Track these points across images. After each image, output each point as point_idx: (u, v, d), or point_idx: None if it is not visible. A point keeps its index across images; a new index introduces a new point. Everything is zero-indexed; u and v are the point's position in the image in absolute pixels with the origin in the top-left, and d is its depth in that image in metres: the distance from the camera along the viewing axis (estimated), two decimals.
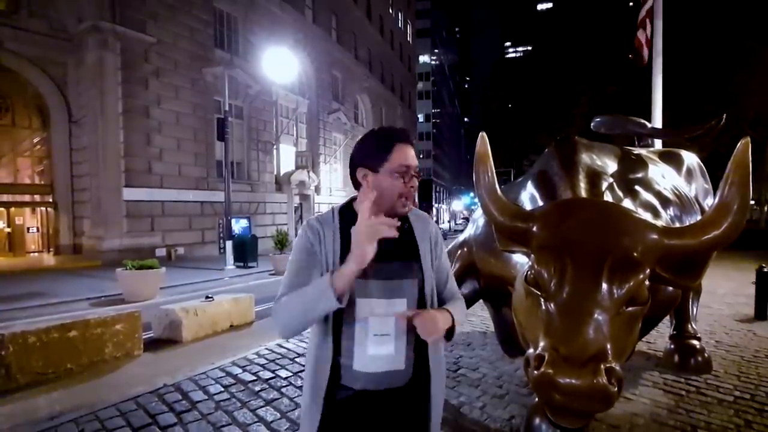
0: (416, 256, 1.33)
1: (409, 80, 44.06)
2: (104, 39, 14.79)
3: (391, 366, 1.23)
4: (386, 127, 1.35)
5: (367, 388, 1.22)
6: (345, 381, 1.24)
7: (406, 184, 1.26)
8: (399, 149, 1.26)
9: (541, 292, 1.83)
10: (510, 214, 2.10)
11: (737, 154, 1.77)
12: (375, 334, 1.21)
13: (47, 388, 3.62)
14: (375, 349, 1.21)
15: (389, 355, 1.22)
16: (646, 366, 3.88)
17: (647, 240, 1.81)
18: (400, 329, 1.23)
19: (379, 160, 1.25)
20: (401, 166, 1.25)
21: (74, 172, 16.11)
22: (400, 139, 1.28)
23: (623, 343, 1.71)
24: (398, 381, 1.25)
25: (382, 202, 1.25)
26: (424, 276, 1.32)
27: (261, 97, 20.44)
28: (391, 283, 1.24)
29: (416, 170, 1.29)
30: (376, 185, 1.25)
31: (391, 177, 1.24)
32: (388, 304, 1.23)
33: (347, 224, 1.23)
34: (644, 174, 3.09)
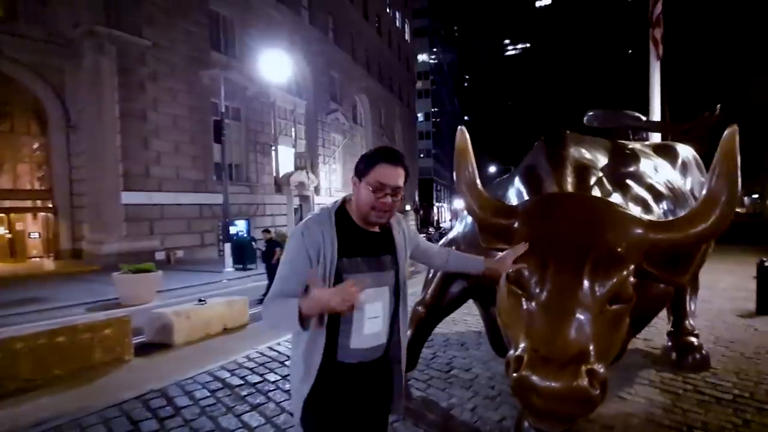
0: (393, 251, 1.56)
1: (408, 79, 43.97)
2: (100, 43, 14.79)
3: (378, 341, 1.49)
4: (384, 147, 1.57)
5: (363, 360, 1.47)
6: (341, 358, 1.44)
7: (378, 199, 1.43)
8: (380, 168, 1.43)
9: (522, 290, 1.77)
10: (492, 210, 2.04)
11: (724, 142, 1.69)
12: (369, 317, 1.45)
13: (35, 394, 3.57)
14: (369, 329, 1.46)
15: (378, 332, 1.49)
16: (643, 364, 3.80)
17: (632, 235, 1.74)
18: (386, 311, 1.51)
19: (364, 172, 1.45)
20: (376, 182, 1.42)
21: (73, 177, 16.13)
22: (384, 159, 1.45)
23: (607, 344, 1.64)
24: (380, 352, 1.52)
25: (359, 208, 1.47)
26: (399, 267, 1.57)
27: (258, 98, 20.41)
28: (379, 274, 1.49)
29: (394, 189, 1.45)
30: (356, 192, 1.48)
31: (367, 189, 1.43)
32: (378, 291, 1.47)
33: (342, 226, 1.46)
34: (636, 168, 3.01)
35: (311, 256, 1.38)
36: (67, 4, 14.86)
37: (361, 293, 1.37)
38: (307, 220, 1.46)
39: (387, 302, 1.51)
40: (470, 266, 1.92)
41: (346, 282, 1.30)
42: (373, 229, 1.53)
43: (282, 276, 1.41)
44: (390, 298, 1.52)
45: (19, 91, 14.88)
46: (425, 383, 3.49)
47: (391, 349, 1.58)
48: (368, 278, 1.43)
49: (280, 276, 1.42)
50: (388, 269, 1.52)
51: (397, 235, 1.59)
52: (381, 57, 35.74)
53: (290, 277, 1.39)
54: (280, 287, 1.39)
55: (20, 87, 14.76)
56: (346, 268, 1.42)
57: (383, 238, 1.55)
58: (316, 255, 1.38)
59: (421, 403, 3.12)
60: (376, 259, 1.50)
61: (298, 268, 1.38)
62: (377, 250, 1.51)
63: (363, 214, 1.46)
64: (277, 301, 1.36)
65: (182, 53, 17.33)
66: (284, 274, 1.41)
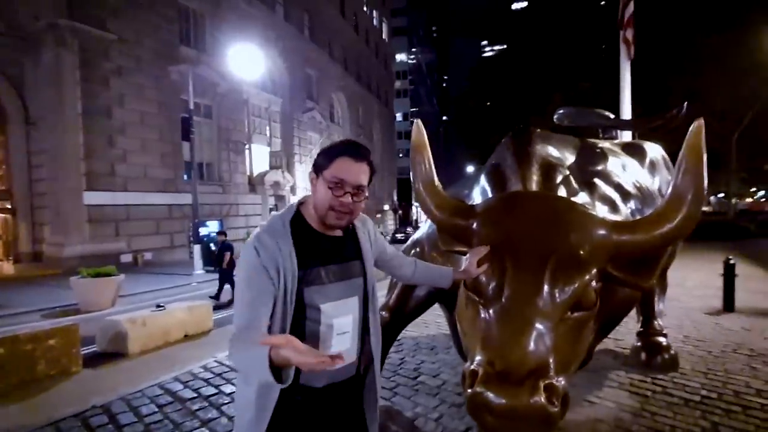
0: (359, 255, 1.39)
1: (386, 79, 43.87)
2: (61, 37, 14.10)
3: (348, 359, 1.28)
4: (348, 140, 1.38)
5: (332, 382, 1.27)
6: (305, 381, 1.23)
7: (337, 198, 1.23)
8: (341, 162, 1.25)
9: (479, 297, 1.62)
10: (449, 209, 1.89)
11: (689, 138, 1.59)
12: (338, 333, 1.27)
13: None
14: (338, 347, 1.25)
15: (347, 350, 1.28)
16: (613, 365, 3.74)
17: (595, 236, 1.61)
18: (356, 324, 1.33)
19: (322, 167, 1.27)
20: (335, 178, 1.24)
21: (33, 177, 15.36)
22: (346, 153, 1.26)
23: (569, 354, 1.51)
24: (352, 370, 1.34)
25: (317, 208, 1.28)
26: (367, 273, 1.40)
27: (231, 95, 19.90)
28: (347, 283, 1.31)
29: (356, 188, 1.26)
30: (315, 189, 1.29)
31: (325, 186, 1.24)
32: (346, 303, 1.30)
33: (299, 234, 1.26)
34: (604, 166, 2.92)
35: (271, 276, 1.17)
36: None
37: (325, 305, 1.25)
38: (259, 233, 1.25)
39: (357, 314, 1.33)
40: (438, 279, 1.75)
41: (329, 356, 0.99)
42: (335, 232, 1.35)
43: (245, 302, 1.18)
44: (360, 309, 1.35)
45: None
46: (391, 391, 3.33)
47: (364, 366, 1.39)
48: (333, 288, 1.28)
49: (244, 302, 1.18)
50: (355, 276, 1.35)
51: (362, 238, 1.42)
52: (358, 55, 35.51)
53: (254, 303, 1.16)
54: (248, 318, 1.15)
55: None
56: (309, 280, 1.24)
57: (347, 242, 1.38)
58: (275, 272, 1.18)
59: (385, 413, 2.94)
60: (341, 266, 1.32)
61: (262, 290, 1.17)
62: (342, 256, 1.33)
63: (321, 216, 1.27)
64: (243, 344, 1.08)
65: (149, 47, 16.71)
66: (247, 300, 1.17)
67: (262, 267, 1.17)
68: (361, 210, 1.34)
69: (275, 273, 1.18)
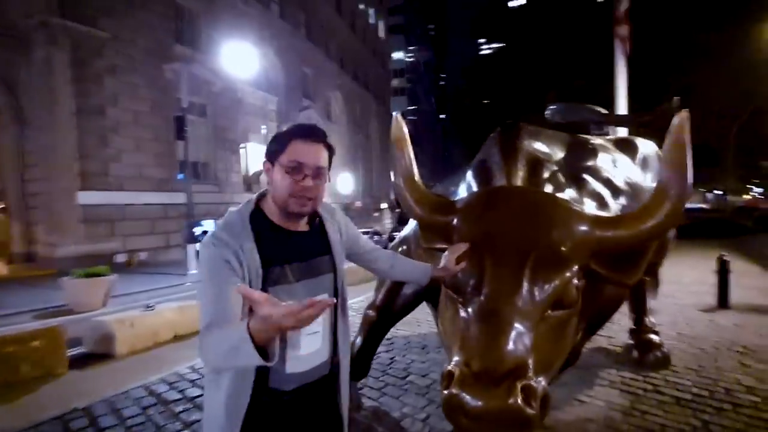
0: (329, 250, 1.33)
1: (383, 77, 43.75)
2: (53, 35, 13.95)
3: (319, 359, 1.26)
4: (300, 123, 1.31)
5: (302, 384, 1.22)
6: (274, 384, 1.19)
7: (297, 182, 1.17)
8: (295, 144, 1.19)
9: (458, 295, 1.58)
10: (429, 205, 1.85)
11: (672, 131, 1.54)
12: (307, 334, 1.21)
13: None
14: (307, 348, 1.21)
15: (318, 350, 1.25)
16: (604, 363, 3.70)
17: (577, 232, 1.57)
18: (327, 323, 1.27)
19: (276, 153, 1.21)
20: (291, 161, 1.17)
21: (26, 176, 15.20)
22: (300, 135, 1.20)
23: (550, 354, 1.47)
24: (324, 369, 1.29)
25: (276, 198, 1.21)
26: (337, 269, 1.34)
27: (226, 94, 19.77)
28: (314, 281, 1.25)
29: (315, 170, 1.20)
30: (272, 179, 1.22)
31: (282, 173, 1.18)
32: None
33: (260, 230, 1.19)
34: (594, 162, 2.87)
35: (234, 267, 1.09)
36: None
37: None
38: (215, 230, 1.16)
39: (327, 313, 1.26)
40: (416, 274, 1.69)
41: (305, 302, 0.95)
42: (300, 227, 1.28)
43: (209, 299, 1.06)
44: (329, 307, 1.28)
45: None
46: (379, 391, 3.29)
47: (335, 366, 1.34)
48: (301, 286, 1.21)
49: (208, 299, 1.07)
50: (323, 273, 1.29)
51: (331, 230, 1.35)
52: (355, 54, 35.38)
53: (220, 297, 1.05)
54: (213, 313, 1.04)
55: None
56: (273, 278, 1.17)
57: (314, 236, 1.31)
58: (239, 268, 1.11)
59: (372, 414, 2.91)
60: (308, 263, 1.25)
61: (227, 282, 1.06)
62: (308, 252, 1.26)
63: (282, 205, 1.20)
64: (215, 334, 0.99)
65: (143, 46, 16.56)
66: (211, 297, 1.07)
67: (223, 260, 1.09)
68: (323, 193, 1.25)
69: (238, 267, 1.10)
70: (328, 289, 1.29)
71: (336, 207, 1.46)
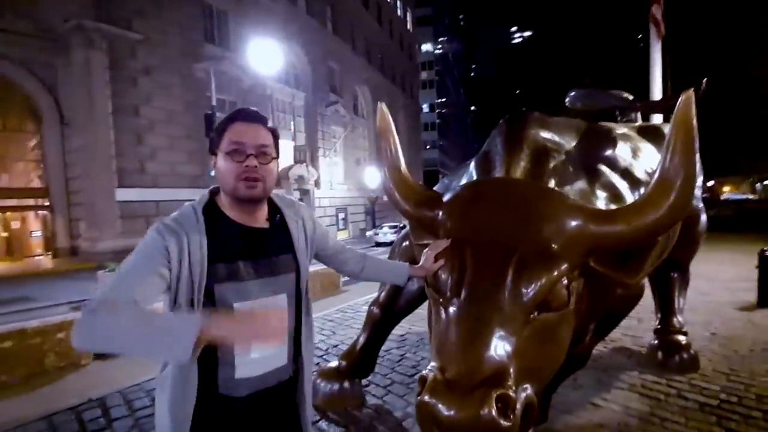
0: (291, 248, 1.26)
1: (411, 70, 43.33)
2: (90, 38, 14.60)
3: (274, 364, 1.19)
4: (235, 110, 1.24)
5: (257, 390, 1.16)
6: (225, 391, 1.12)
7: (241, 163, 1.12)
8: (232, 128, 1.15)
9: (438, 295, 1.49)
10: (416, 199, 1.76)
11: (678, 112, 1.38)
12: None
13: None
14: (259, 352, 1.13)
15: (273, 354, 1.18)
16: (625, 365, 3.49)
17: (568, 227, 1.44)
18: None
19: (216, 142, 1.17)
20: (230, 143, 1.13)
21: (68, 175, 16.06)
22: (237, 119, 1.17)
23: (537, 361, 1.35)
24: (284, 374, 1.23)
25: (225, 187, 1.16)
26: (300, 267, 1.27)
27: (255, 91, 20.10)
28: (270, 281, 1.18)
29: (258, 149, 1.15)
30: (217, 170, 1.17)
31: (224, 158, 1.14)
32: (269, 302, 1.17)
33: (214, 224, 1.14)
34: (612, 151, 2.68)
35: (171, 258, 1.03)
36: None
37: (240, 304, 1.12)
38: (164, 219, 1.11)
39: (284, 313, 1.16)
40: (391, 275, 1.62)
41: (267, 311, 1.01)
42: (259, 223, 1.21)
43: (130, 278, 1.00)
44: (288, 308, 1.21)
45: (9, 87, 14.76)
46: (384, 389, 3.23)
47: (296, 370, 1.28)
48: (253, 285, 1.14)
49: (128, 278, 1.00)
50: (283, 272, 1.21)
51: (293, 228, 1.28)
52: (382, 47, 35.18)
53: (142, 281, 0.99)
54: (128, 292, 0.96)
55: (10, 83, 14.64)
56: (222, 275, 1.10)
57: (275, 233, 1.24)
58: (177, 261, 1.04)
59: (374, 413, 2.85)
60: (266, 261, 1.18)
61: (153, 272, 1.01)
62: (267, 249, 1.20)
63: (231, 192, 1.14)
64: (128, 312, 0.91)
65: (175, 46, 17.08)
66: (133, 276, 1.00)
67: (162, 246, 1.03)
68: (271, 176, 1.18)
69: (177, 261, 1.04)
70: (288, 289, 1.22)
71: (302, 204, 1.39)
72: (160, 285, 1.03)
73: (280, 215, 1.28)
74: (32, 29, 14.53)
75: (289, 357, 1.23)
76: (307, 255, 1.32)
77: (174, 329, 0.88)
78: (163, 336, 0.88)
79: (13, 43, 14.10)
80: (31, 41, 14.51)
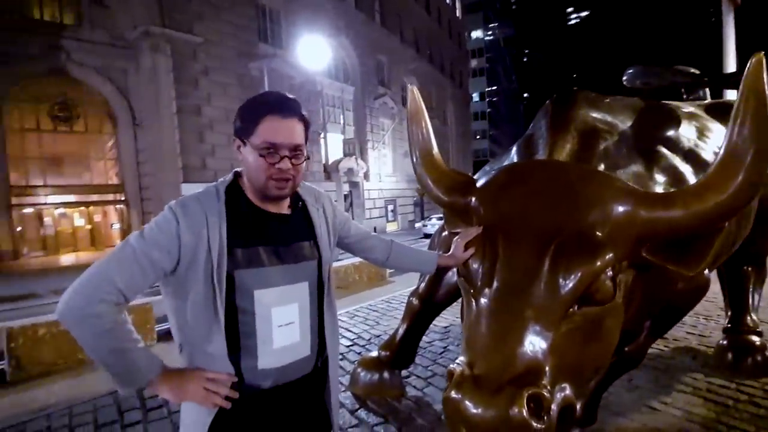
0: (312, 235, 1.23)
1: (460, 58, 42.33)
2: (156, 43, 15.65)
3: (298, 354, 1.16)
4: (269, 92, 1.19)
5: (278, 383, 1.13)
6: (249, 381, 1.10)
7: (274, 165, 1.07)
8: (268, 122, 1.07)
9: (470, 286, 1.43)
10: (447, 184, 1.69)
11: (747, 78, 1.22)
12: (279, 325, 1.11)
13: (55, 378, 3.74)
14: (281, 341, 1.12)
15: (295, 344, 1.15)
16: (690, 366, 3.22)
17: (615, 212, 1.31)
18: (304, 314, 1.17)
19: (247, 132, 1.09)
20: (264, 143, 1.06)
21: (140, 171, 17.40)
22: (273, 111, 1.08)
23: (577, 359, 1.24)
24: (307, 367, 1.20)
25: (252, 181, 1.12)
26: (322, 255, 1.23)
27: (305, 87, 20.62)
28: (291, 268, 1.15)
29: (293, 149, 1.10)
30: (244, 159, 1.12)
31: (255, 154, 1.08)
32: (290, 290, 1.14)
33: (235, 207, 1.11)
34: (674, 132, 2.45)
35: (183, 242, 1.00)
36: (126, 7, 15.79)
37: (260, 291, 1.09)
38: (184, 198, 1.09)
39: (305, 303, 1.17)
40: (418, 264, 1.58)
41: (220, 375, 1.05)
42: (280, 209, 1.18)
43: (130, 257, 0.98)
44: (310, 297, 1.19)
45: (89, 93, 16.20)
46: (425, 381, 3.21)
47: (322, 360, 1.25)
48: (273, 272, 1.11)
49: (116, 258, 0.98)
50: (305, 260, 1.18)
51: (315, 215, 1.25)
52: (431, 36, 34.64)
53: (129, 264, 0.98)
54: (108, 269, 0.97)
55: (89, 89, 16.05)
56: (241, 261, 1.07)
57: (296, 220, 1.21)
58: (194, 244, 1.01)
59: (414, 405, 2.84)
60: (286, 247, 1.15)
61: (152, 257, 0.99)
62: (287, 236, 1.17)
63: (260, 189, 1.11)
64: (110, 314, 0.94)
65: (231, 47, 17.91)
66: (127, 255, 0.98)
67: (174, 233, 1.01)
68: (302, 173, 1.15)
69: (193, 245, 1.01)
70: (309, 276, 1.19)
71: (321, 191, 1.36)
72: (155, 274, 1.02)
73: (302, 202, 1.25)
74: (107, 38, 15.80)
75: (312, 348, 1.20)
76: (330, 243, 1.29)
77: (136, 362, 0.97)
78: (124, 362, 0.96)
79: (92, 52, 15.41)
80: (107, 49, 15.78)
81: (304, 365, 1.19)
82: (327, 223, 1.29)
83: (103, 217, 19.73)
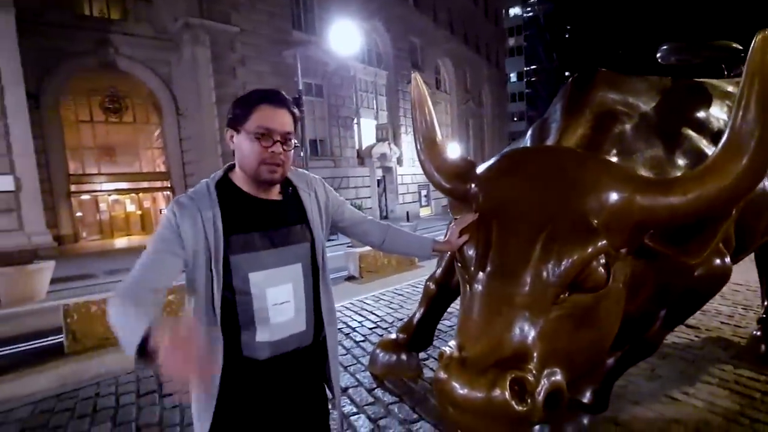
0: (304, 219, 1.31)
1: (497, 37, 40.83)
2: (195, 34, 16.15)
3: (293, 329, 1.24)
4: (261, 89, 1.28)
5: (277, 353, 1.22)
6: (247, 353, 1.21)
7: (267, 148, 1.17)
8: (261, 110, 1.18)
9: (464, 271, 1.48)
10: (448, 171, 1.73)
11: (752, 57, 1.18)
12: (274, 304, 1.20)
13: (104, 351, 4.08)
14: (276, 318, 1.21)
15: (290, 319, 1.23)
16: (719, 357, 3.11)
17: (611, 199, 1.32)
18: (299, 293, 1.25)
19: (241, 120, 1.20)
20: (259, 128, 1.17)
21: (184, 159, 18.20)
22: (265, 100, 1.20)
23: (569, 345, 1.27)
24: (305, 340, 1.28)
25: (245, 167, 1.21)
26: (315, 238, 1.31)
27: (339, 73, 20.72)
28: (284, 250, 1.24)
29: (284, 136, 1.20)
30: (237, 147, 1.22)
31: (249, 140, 1.18)
32: (283, 271, 1.23)
33: (228, 198, 1.21)
34: (703, 112, 2.35)
35: (185, 237, 1.13)
36: (168, 0, 16.35)
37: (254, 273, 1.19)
38: (178, 197, 1.20)
39: (299, 283, 1.26)
40: (413, 249, 1.63)
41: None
42: (271, 196, 1.27)
43: (142, 261, 1.12)
44: (304, 278, 1.27)
45: (136, 85, 17.01)
46: None
47: (318, 337, 1.35)
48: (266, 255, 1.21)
49: (141, 261, 1.13)
50: (297, 242, 1.27)
51: (306, 199, 1.33)
52: (465, 15, 33.58)
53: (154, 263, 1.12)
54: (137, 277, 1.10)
55: (136, 81, 16.84)
56: (236, 247, 1.17)
57: (289, 205, 1.29)
58: (192, 237, 1.13)
59: (429, 386, 2.93)
60: (279, 231, 1.24)
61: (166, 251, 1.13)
62: (279, 221, 1.25)
63: (252, 174, 1.20)
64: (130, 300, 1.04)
65: (266, 36, 18.20)
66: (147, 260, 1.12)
67: (175, 233, 1.13)
68: (291, 159, 1.24)
69: (192, 239, 1.13)
70: (303, 258, 1.27)
71: (314, 177, 1.43)
72: (177, 265, 1.14)
73: (292, 188, 1.33)
74: (151, 31, 16.47)
75: (308, 323, 1.28)
76: (322, 226, 1.35)
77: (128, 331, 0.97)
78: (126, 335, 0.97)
79: (137, 46, 16.13)
80: (151, 42, 16.46)
81: (302, 338, 1.27)
82: (319, 206, 1.36)
83: (152, 203, 20.91)
